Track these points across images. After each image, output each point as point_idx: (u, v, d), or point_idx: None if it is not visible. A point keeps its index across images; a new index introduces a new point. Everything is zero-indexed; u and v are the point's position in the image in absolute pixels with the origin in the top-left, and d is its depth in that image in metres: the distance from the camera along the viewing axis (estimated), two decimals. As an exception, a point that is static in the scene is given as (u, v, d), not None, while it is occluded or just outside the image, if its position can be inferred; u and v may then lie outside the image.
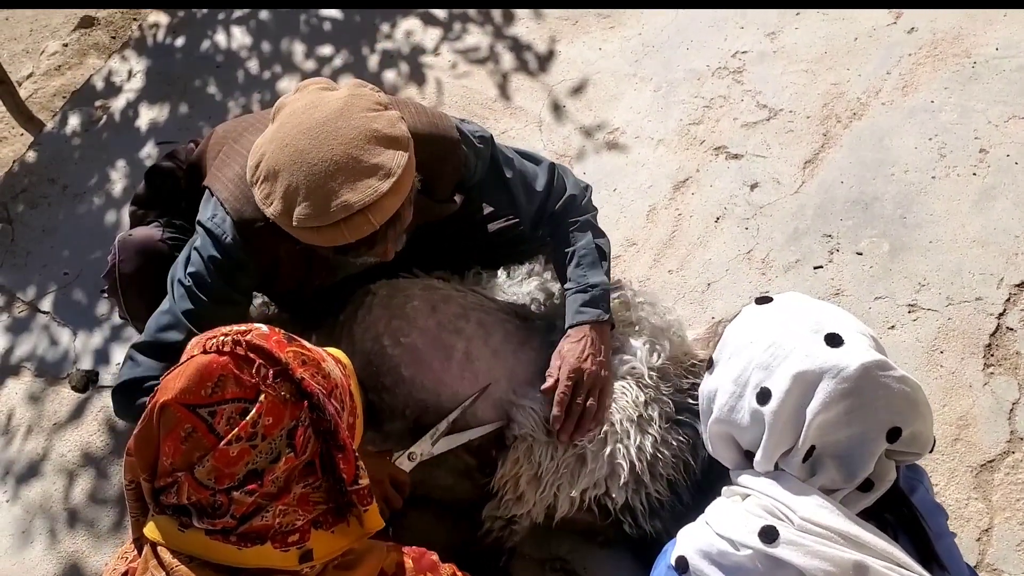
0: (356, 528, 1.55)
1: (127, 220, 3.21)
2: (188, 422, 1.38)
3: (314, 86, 1.95)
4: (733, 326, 1.60)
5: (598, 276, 2.27)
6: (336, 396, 1.52)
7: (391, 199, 1.84)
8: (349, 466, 1.48)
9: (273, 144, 1.85)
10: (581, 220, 2.32)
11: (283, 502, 1.44)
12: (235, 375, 1.40)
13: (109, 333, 3.01)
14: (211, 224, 2.05)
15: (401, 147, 1.87)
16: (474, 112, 3.32)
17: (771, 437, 1.46)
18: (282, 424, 1.41)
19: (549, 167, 2.34)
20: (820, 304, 1.57)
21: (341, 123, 1.84)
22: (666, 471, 2.24)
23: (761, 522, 1.42)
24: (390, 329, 2.28)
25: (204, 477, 1.38)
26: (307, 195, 1.81)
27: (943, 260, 2.65)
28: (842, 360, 1.41)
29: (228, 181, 2.08)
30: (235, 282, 2.09)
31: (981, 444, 2.34)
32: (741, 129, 3.06)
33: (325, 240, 1.87)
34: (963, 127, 2.90)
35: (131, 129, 3.54)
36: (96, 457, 2.76)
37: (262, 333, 1.49)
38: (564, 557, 2.35)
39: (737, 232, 2.84)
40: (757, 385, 1.48)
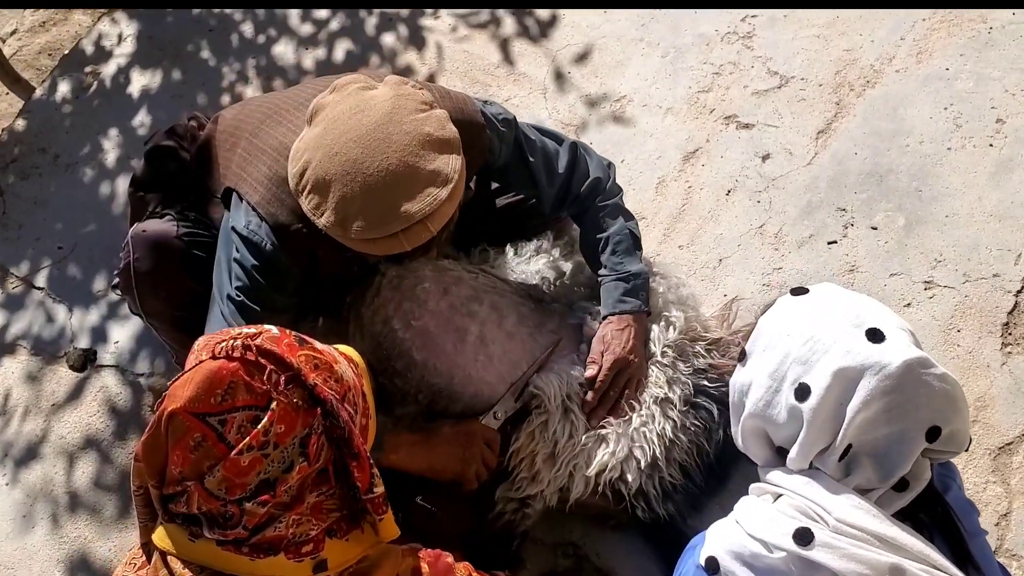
0: (371, 535, 1.51)
1: (121, 191, 3.18)
2: (197, 431, 1.34)
3: (353, 86, 1.87)
4: (768, 317, 1.55)
5: (636, 264, 2.24)
6: (349, 400, 1.48)
7: (449, 205, 1.80)
8: (364, 474, 1.45)
9: (320, 152, 1.78)
10: (611, 204, 2.27)
11: (296, 512, 1.40)
12: (246, 382, 1.36)
13: (106, 310, 2.95)
14: (247, 232, 1.99)
15: (454, 150, 1.82)
16: (476, 79, 3.23)
17: (808, 435, 1.42)
18: (295, 432, 1.37)
19: (571, 147, 2.28)
20: (858, 297, 1.52)
21: (392, 128, 1.78)
22: (681, 455, 2.22)
23: (795, 523, 1.39)
24: (400, 312, 2.23)
25: (215, 487, 1.34)
26: (364, 207, 1.75)
27: (959, 235, 2.60)
28: (884, 357, 1.37)
29: (257, 183, 2.01)
30: (284, 288, 2.05)
31: (999, 426, 2.30)
32: (752, 97, 2.99)
33: (381, 250, 1.83)
34: (979, 96, 2.83)
35: (123, 96, 3.44)
36: (97, 439, 2.71)
37: (272, 336, 1.44)
38: (576, 542, 2.32)
39: (749, 205, 2.78)
40: (795, 380, 1.44)
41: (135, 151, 3.27)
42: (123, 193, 3.17)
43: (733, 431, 1.60)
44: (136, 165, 3.15)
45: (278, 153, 1.99)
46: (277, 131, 2.04)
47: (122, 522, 2.57)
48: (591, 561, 2.28)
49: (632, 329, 2.20)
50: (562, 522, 2.32)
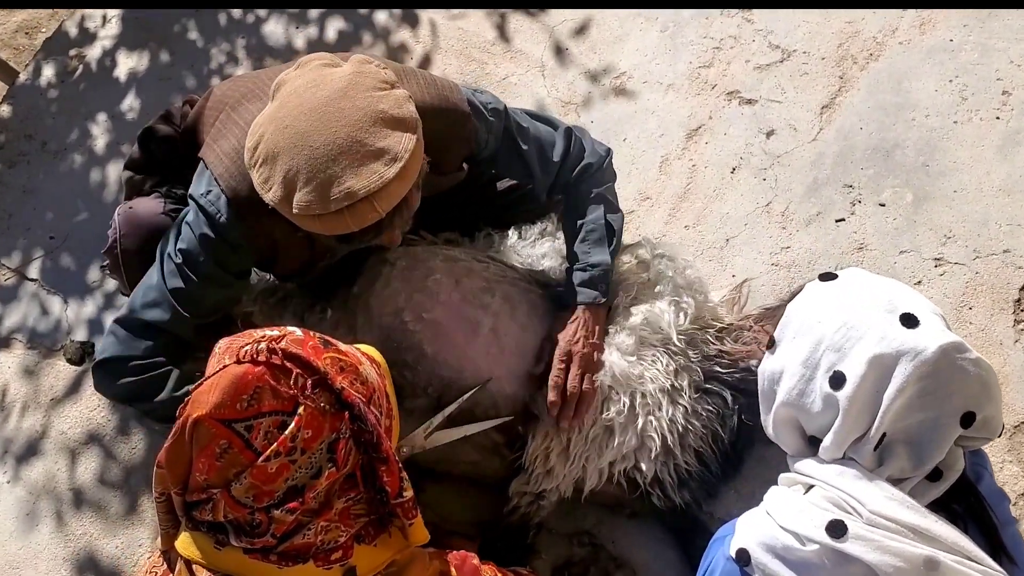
0: (399, 539, 1.49)
1: (113, 178, 3.12)
2: (223, 438, 1.31)
3: (316, 62, 1.81)
4: (797, 304, 1.52)
5: (601, 255, 2.18)
6: (375, 402, 1.46)
7: (397, 185, 1.72)
8: (393, 478, 1.42)
9: (273, 125, 1.73)
10: (596, 192, 2.22)
11: (325, 518, 1.38)
12: (272, 386, 1.33)
13: (103, 301, 2.89)
14: (204, 201, 1.93)
15: (409, 129, 1.74)
16: (471, 56, 3.17)
17: (844, 423, 1.40)
18: (322, 437, 1.34)
19: (566, 133, 2.23)
20: (887, 281, 1.50)
21: (345, 103, 1.71)
22: (695, 442, 2.19)
23: (828, 515, 1.37)
24: (411, 304, 2.19)
25: (242, 495, 1.32)
26: (308, 180, 1.68)
27: (968, 210, 2.57)
28: (920, 342, 1.34)
29: (223, 155, 1.95)
30: (227, 264, 1.99)
31: (1014, 405, 2.29)
32: (754, 72, 2.94)
33: (327, 228, 1.75)
34: (984, 67, 2.80)
35: (109, 80, 3.36)
36: (99, 434, 2.67)
37: (297, 338, 1.41)
38: (591, 531, 2.30)
39: (754, 183, 2.75)
40: (830, 368, 1.42)
41: (124, 136, 3.20)
42: (115, 180, 3.11)
43: (763, 420, 1.57)
44: (127, 152, 3.11)
45: (248, 128, 1.94)
46: (254, 106, 1.98)
47: (128, 519, 2.53)
48: (606, 549, 2.27)
49: (580, 320, 2.15)
50: (577, 511, 2.31)
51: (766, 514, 1.46)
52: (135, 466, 2.61)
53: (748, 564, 1.43)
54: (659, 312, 2.22)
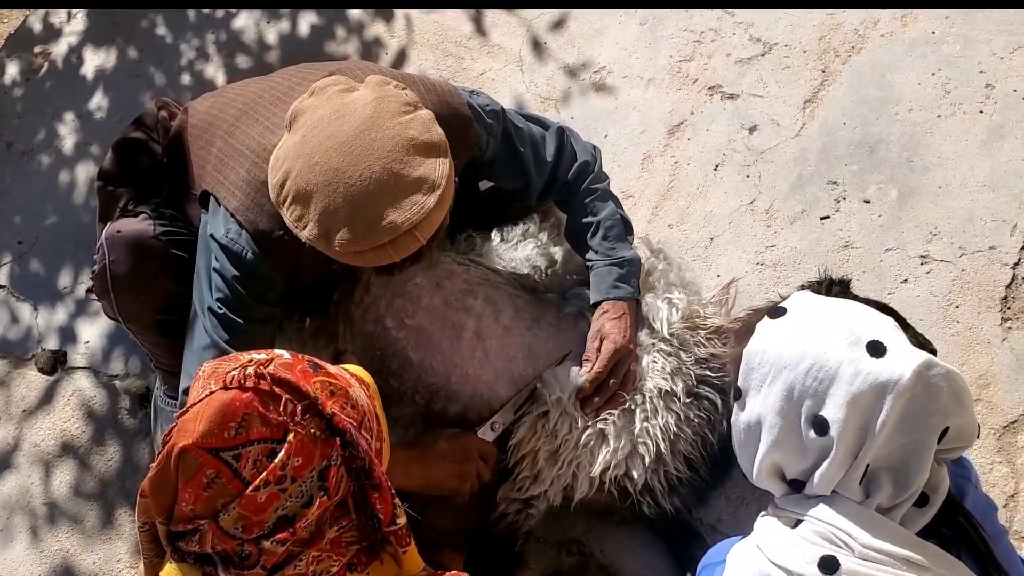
0: (391, 566, 1.45)
1: (82, 179, 3.05)
2: (211, 467, 1.27)
3: (333, 88, 1.77)
4: (753, 347, 1.46)
5: (628, 250, 2.17)
6: (366, 425, 1.42)
7: (438, 212, 1.71)
8: (386, 505, 1.38)
9: (300, 161, 1.69)
10: (600, 189, 2.20)
11: (316, 548, 1.34)
12: (260, 413, 1.29)
13: (74, 308, 2.83)
14: (227, 240, 1.89)
15: (441, 153, 1.72)
16: (448, 51, 3.12)
17: (832, 465, 1.37)
18: (313, 464, 1.31)
19: (558, 132, 2.20)
20: (837, 305, 1.47)
21: (375, 134, 1.68)
22: (686, 448, 2.17)
23: (820, 551, 1.35)
24: (392, 309, 2.16)
25: (230, 526, 1.28)
26: (348, 218, 1.66)
27: (953, 207, 2.55)
28: (895, 370, 1.32)
29: (235, 188, 1.90)
30: (267, 298, 1.95)
31: (1003, 404, 2.28)
32: (735, 66, 2.91)
33: (368, 262, 1.74)
34: (967, 60, 2.78)
35: (76, 78, 3.27)
36: (74, 446, 2.61)
37: (285, 362, 1.37)
38: (579, 539, 2.28)
39: (738, 180, 2.71)
40: (810, 416, 1.38)
41: (93, 136, 3.12)
42: (84, 182, 3.03)
43: (745, 468, 1.53)
44: (98, 154, 3.04)
45: (256, 155, 1.90)
46: (253, 130, 1.93)
47: (106, 533, 2.48)
48: (595, 558, 2.25)
49: (628, 317, 2.14)
50: (564, 519, 2.28)
51: (756, 548, 1.44)
52: (111, 478, 2.55)
53: None
54: (651, 307, 2.19)
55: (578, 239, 2.23)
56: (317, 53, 3.15)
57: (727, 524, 2.25)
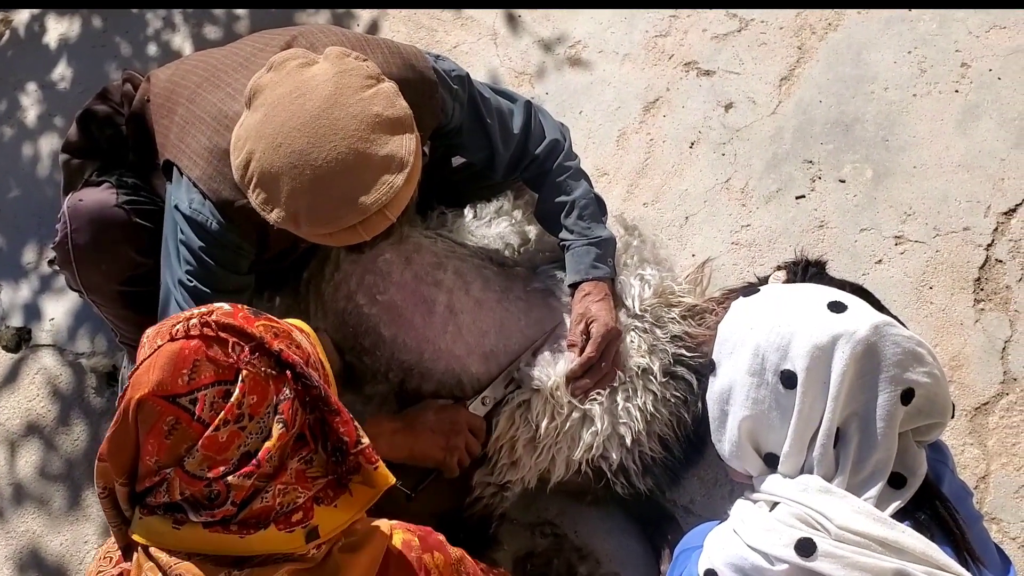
0: (361, 496, 1.46)
1: (46, 152, 2.98)
2: (169, 414, 1.30)
3: (292, 63, 1.72)
4: (727, 323, 1.54)
5: (604, 230, 2.15)
6: (312, 364, 1.45)
7: (407, 189, 1.68)
8: (349, 427, 1.42)
9: (263, 143, 1.65)
10: (572, 167, 2.17)
11: (281, 481, 1.37)
12: (210, 357, 1.33)
13: (39, 284, 2.77)
14: (191, 211, 1.85)
15: (407, 128, 1.68)
16: (420, 23, 3.07)
17: (799, 420, 1.40)
18: (268, 400, 1.35)
19: (525, 106, 2.17)
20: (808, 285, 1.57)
21: (338, 112, 1.64)
22: (660, 429, 2.16)
23: (796, 533, 1.36)
24: (364, 286, 2.13)
25: (196, 468, 1.31)
26: (315, 200, 1.63)
27: (928, 187, 2.55)
28: (851, 324, 1.38)
29: (197, 156, 1.86)
30: (237, 266, 1.92)
31: (974, 386, 2.29)
32: (711, 42, 2.88)
33: (339, 242, 1.73)
34: (943, 38, 2.76)
35: (39, 47, 3.19)
36: (39, 425, 2.56)
37: (226, 311, 1.41)
38: (553, 520, 2.27)
39: (713, 159, 2.69)
40: (777, 370, 1.42)
41: (57, 108, 3.05)
42: (48, 155, 2.97)
43: (719, 446, 1.56)
44: (62, 125, 2.98)
45: (217, 122, 1.85)
46: (215, 96, 1.89)
47: (73, 513, 2.44)
48: (569, 539, 2.23)
49: (610, 298, 2.12)
50: (538, 500, 2.26)
51: (733, 532, 1.45)
52: (78, 458, 2.51)
53: None
54: (624, 284, 2.18)
55: (551, 219, 2.20)
56: (286, 24, 3.08)
57: (701, 505, 2.25)
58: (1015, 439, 2.22)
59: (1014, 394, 2.27)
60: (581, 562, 2.19)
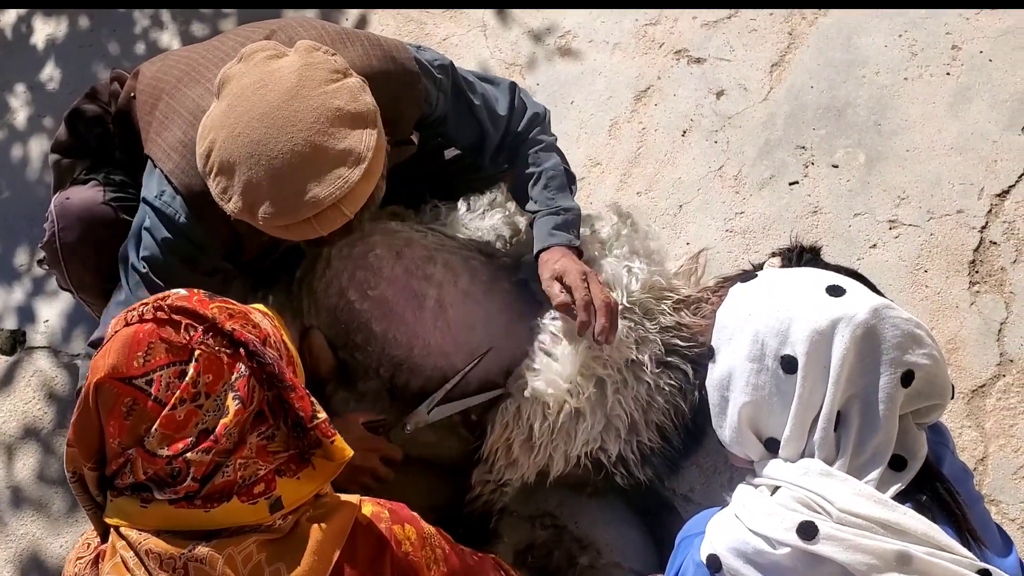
0: (324, 470, 1.48)
1: (35, 154, 2.97)
2: (127, 395, 1.34)
3: (261, 54, 1.71)
4: (725, 309, 1.54)
5: (568, 200, 2.11)
6: (271, 344, 1.47)
7: (364, 185, 1.66)
8: (304, 402, 1.45)
9: (224, 132, 1.64)
10: (546, 141, 2.15)
11: (241, 455, 1.40)
12: (164, 338, 1.38)
13: (31, 286, 2.76)
14: (159, 203, 1.84)
15: (368, 124, 1.67)
16: (410, 16, 3.06)
17: (800, 404, 1.41)
18: (223, 378, 1.39)
19: (510, 87, 2.16)
20: (806, 269, 1.56)
21: (298, 105, 1.63)
22: (658, 418, 2.16)
23: (798, 517, 1.36)
24: (355, 282, 2.13)
25: (155, 447, 1.34)
26: (270, 191, 1.62)
27: (921, 170, 2.55)
28: (850, 307, 1.39)
29: (171, 149, 1.85)
30: (195, 263, 1.90)
31: (971, 368, 2.29)
32: (701, 29, 2.87)
33: (295, 235, 1.70)
34: (933, 21, 2.76)
35: (26, 48, 3.18)
36: (36, 428, 2.56)
37: (180, 295, 1.44)
38: (552, 512, 2.27)
39: (706, 146, 2.69)
40: (777, 355, 1.42)
41: (46, 109, 3.04)
42: (37, 156, 2.96)
43: (720, 432, 1.56)
44: (51, 127, 2.97)
45: (193, 116, 1.84)
46: (194, 91, 1.88)
47: (72, 516, 2.44)
48: (569, 530, 2.24)
49: (573, 255, 2.02)
50: (538, 492, 2.26)
51: (734, 517, 1.45)
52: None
53: (719, 570, 1.43)
54: (611, 275, 2.15)
55: (521, 191, 2.18)
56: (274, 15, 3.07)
57: (700, 494, 2.25)
58: (1012, 420, 2.22)
59: (1011, 376, 2.27)
60: (582, 553, 2.19)
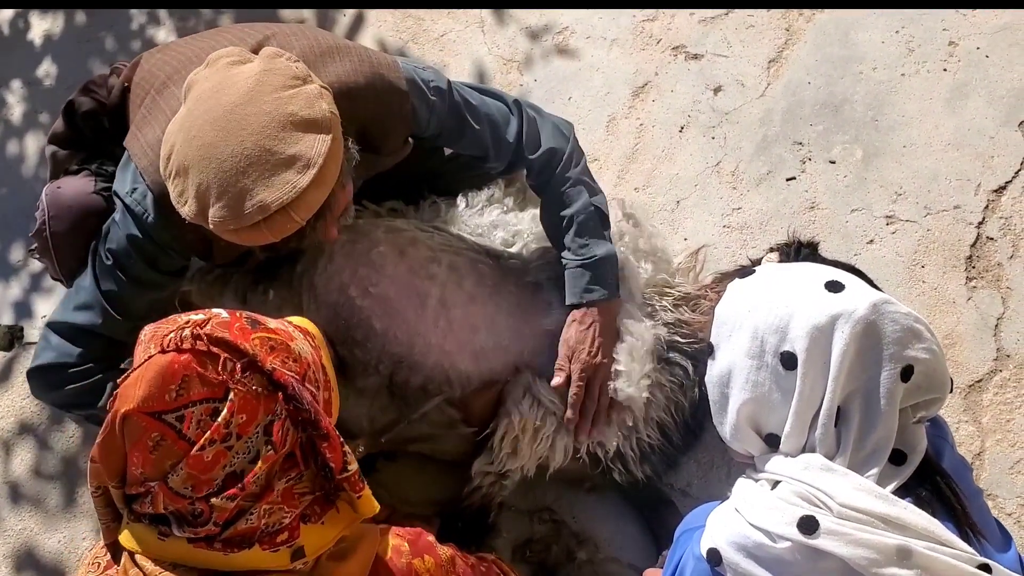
0: (348, 513, 1.45)
1: (32, 150, 2.97)
2: (155, 430, 1.28)
3: (224, 60, 1.71)
4: (724, 305, 1.53)
5: (603, 246, 2.06)
6: (310, 378, 1.42)
7: (314, 192, 1.64)
8: (336, 454, 1.39)
9: (182, 135, 1.65)
10: (573, 176, 2.09)
11: (267, 501, 1.35)
12: (200, 374, 1.30)
13: (29, 282, 2.76)
14: (131, 200, 1.85)
15: (322, 130, 1.65)
16: (408, 13, 3.05)
17: (800, 401, 1.40)
18: (257, 420, 1.32)
19: (517, 109, 2.10)
20: (804, 264, 1.55)
21: (250, 109, 1.62)
22: (657, 414, 2.17)
23: (798, 511, 1.36)
24: (357, 278, 2.12)
25: (179, 486, 1.29)
26: (219, 195, 1.61)
27: (918, 166, 2.55)
28: (850, 303, 1.38)
29: (148, 146, 1.85)
30: (158, 265, 1.91)
31: (968, 363, 2.30)
32: (698, 25, 2.87)
33: (247, 240, 1.69)
34: (930, 16, 2.76)
35: (23, 44, 3.17)
36: (33, 424, 2.56)
37: (222, 321, 1.37)
38: (551, 507, 2.28)
39: (703, 142, 2.69)
40: (776, 351, 1.42)
41: (43, 105, 3.04)
42: (34, 153, 2.95)
43: (720, 429, 1.55)
44: (47, 122, 2.96)
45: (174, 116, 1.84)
46: (179, 91, 1.87)
47: (69, 511, 2.44)
48: (567, 525, 2.24)
49: (598, 325, 2.05)
50: (536, 487, 2.27)
51: (735, 511, 1.45)
52: (72, 456, 2.51)
53: (720, 564, 1.42)
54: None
55: (552, 234, 2.15)
56: (272, 15, 3.08)
57: (698, 488, 2.25)
58: (1009, 415, 2.23)
59: (1007, 370, 2.28)
60: (580, 547, 2.20)
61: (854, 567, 1.31)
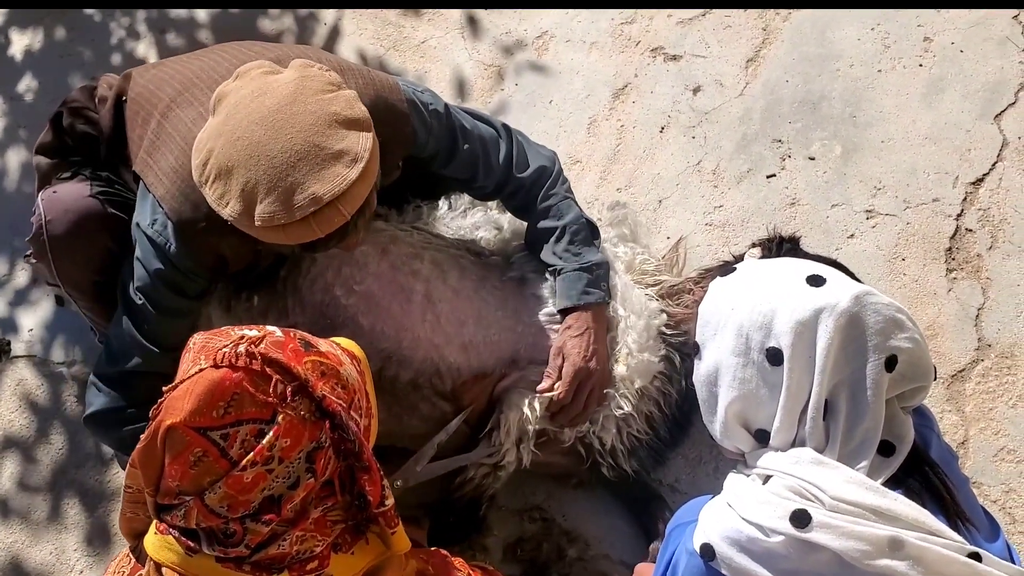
0: (376, 544, 1.45)
1: (14, 165, 2.97)
2: (198, 446, 1.26)
3: (257, 70, 1.75)
4: (707, 304, 1.54)
5: (595, 254, 2.14)
6: (355, 405, 1.41)
7: (361, 186, 1.68)
8: (375, 487, 1.39)
9: (223, 138, 1.66)
10: (561, 194, 2.16)
11: (301, 528, 1.34)
12: (250, 393, 1.28)
13: (14, 296, 2.75)
14: (152, 232, 1.88)
15: (364, 128, 1.70)
16: (388, 19, 3.07)
17: (788, 396, 1.41)
18: (301, 446, 1.30)
19: (507, 134, 2.17)
20: (786, 259, 1.58)
21: (296, 108, 1.66)
22: (647, 408, 2.18)
23: (791, 505, 1.37)
24: (341, 277, 2.14)
25: (216, 504, 1.27)
26: (269, 191, 1.63)
27: (897, 160, 2.58)
28: (832, 296, 1.40)
29: (163, 175, 1.88)
30: (186, 291, 1.94)
31: (950, 354, 2.32)
32: (677, 27, 2.90)
33: (293, 238, 1.70)
34: (905, 13, 2.79)
35: (3, 59, 3.17)
36: (20, 437, 2.55)
37: (277, 340, 1.36)
38: (540, 505, 2.28)
39: (684, 142, 2.71)
40: (762, 348, 1.43)
41: (24, 120, 3.03)
42: (16, 167, 2.95)
43: (710, 427, 1.56)
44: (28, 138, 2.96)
45: (186, 143, 1.86)
46: (187, 115, 1.90)
47: (58, 523, 2.43)
48: (558, 524, 2.25)
49: (592, 332, 2.09)
50: (525, 486, 2.28)
51: (727, 506, 1.45)
52: (60, 469, 2.50)
53: (713, 559, 1.43)
54: None
55: (539, 245, 2.19)
56: (250, 27, 3.09)
57: (686, 484, 2.26)
58: (991, 404, 2.25)
59: (989, 360, 2.30)
60: (570, 545, 2.20)
61: (847, 559, 1.32)
